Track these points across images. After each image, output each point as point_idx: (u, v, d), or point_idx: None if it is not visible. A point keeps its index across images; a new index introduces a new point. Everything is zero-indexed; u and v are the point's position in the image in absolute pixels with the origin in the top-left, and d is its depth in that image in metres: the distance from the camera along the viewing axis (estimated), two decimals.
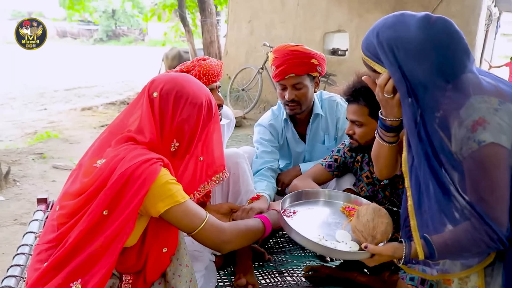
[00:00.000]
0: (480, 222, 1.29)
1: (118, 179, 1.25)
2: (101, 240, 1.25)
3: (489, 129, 1.24)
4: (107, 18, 33.09)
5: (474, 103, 1.27)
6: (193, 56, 10.14)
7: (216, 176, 1.60)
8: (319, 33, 6.80)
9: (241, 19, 7.75)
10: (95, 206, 1.25)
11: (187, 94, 1.41)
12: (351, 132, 2.04)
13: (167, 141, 1.41)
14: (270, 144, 2.41)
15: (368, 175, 2.15)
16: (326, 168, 2.21)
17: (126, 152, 1.31)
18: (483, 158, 1.26)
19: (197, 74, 1.90)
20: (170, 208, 1.32)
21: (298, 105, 2.34)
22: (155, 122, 1.38)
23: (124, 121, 1.44)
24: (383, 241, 1.54)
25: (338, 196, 1.93)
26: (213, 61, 1.99)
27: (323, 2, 6.66)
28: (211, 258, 2.11)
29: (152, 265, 1.45)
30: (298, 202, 1.88)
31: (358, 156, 2.19)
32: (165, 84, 1.41)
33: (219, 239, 1.42)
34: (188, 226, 1.37)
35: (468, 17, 6.07)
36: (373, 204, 1.69)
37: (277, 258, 2.39)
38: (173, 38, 16.46)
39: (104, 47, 30.38)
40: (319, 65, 2.31)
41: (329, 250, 1.53)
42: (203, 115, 1.45)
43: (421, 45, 1.30)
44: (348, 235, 1.62)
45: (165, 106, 1.39)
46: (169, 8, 13.05)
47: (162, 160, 1.34)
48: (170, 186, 1.33)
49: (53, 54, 21.58)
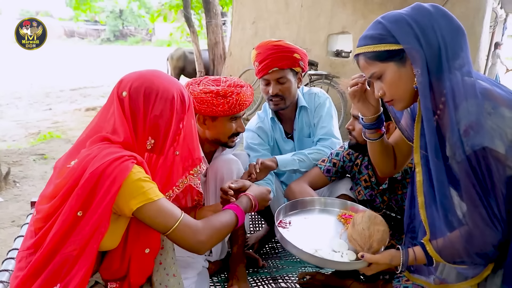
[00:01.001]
0: (475, 229, 1.26)
1: (89, 178, 1.22)
2: (76, 241, 1.22)
3: (482, 134, 1.21)
4: (114, 18, 33.28)
5: (467, 107, 1.24)
6: (198, 57, 10.12)
7: (193, 169, 1.56)
8: (323, 34, 6.76)
9: (245, 20, 7.73)
10: (68, 207, 1.23)
11: (156, 89, 1.37)
12: (351, 127, 2.03)
13: (142, 139, 1.38)
14: (261, 148, 2.39)
15: (367, 179, 2.12)
16: (324, 173, 2.18)
17: (98, 151, 1.29)
18: (476, 163, 1.23)
19: (233, 103, 1.87)
20: (143, 206, 1.28)
21: (282, 100, 2.34)
22: (127, 122, 1.35)
23: (99, 124, 1.41)
24: (379, 249, 1.51)
25: (334, 203, 1.89)
26: (248, 90, 1.96)
27: (328, 4, 6.62)
28: (204, 265, 2.09)
29: (136, 268, 1.43)
30: (293, 211, 1.84)
31: (358, 160, 2.16)
32: (133, 82, 1.37)
33: (195, 239, 1.37)
34: (162, 225, 1.33)
35: (473, 19, 6.00)
36: (368, 211, 1.66)
37: (272, 264, 2.36)
38: (179, 39, 16.47)
39: (111, 47, 30.54)
40: (302, 60, 2.32)
41: (326, 261, 1.49)
42: (176, 109, 1.41)
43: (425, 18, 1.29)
44: (345, 244, 1.59)
45: (135, 104, 1.35)
46: (175, 9, 13.06)
47: (135, 158, 1.31)
48: (143, 183, 1.29)
49: (60, 53, 21.73)
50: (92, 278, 1.41)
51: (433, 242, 1.38)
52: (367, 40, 1.37)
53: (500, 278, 1.32)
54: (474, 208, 1.26)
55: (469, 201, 1.27)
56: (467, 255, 1.30)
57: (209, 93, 1.86)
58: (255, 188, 1.76)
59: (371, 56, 1.37)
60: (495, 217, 1.25)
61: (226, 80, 1.95)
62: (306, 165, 2.25)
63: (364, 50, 1.38)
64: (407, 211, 1.67)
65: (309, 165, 2.25)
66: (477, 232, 1.26)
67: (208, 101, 1.85)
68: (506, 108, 1.25)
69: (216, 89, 1.86)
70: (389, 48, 1.32)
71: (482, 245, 1.27)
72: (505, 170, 1.25)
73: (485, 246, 1.27)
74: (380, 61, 1.36)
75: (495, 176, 1.23)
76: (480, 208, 1.24)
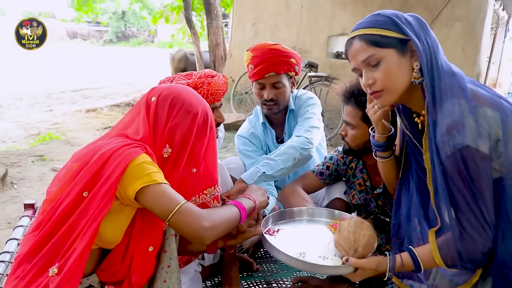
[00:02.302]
0: (461, 234, 1.24)
1: (97, 159, 1.28)
2: (78, 220, 1.24)
3: (464, 132, 1.20)
4: (117, 19, 33.33)
5: (450, 106, 1.23)
6: (199, 58, 10.12)
7: (208, 189, 1.57)
8: (323, 36, 6.75)
9: (245, 21, 7.72)
10: (74, 188, 1.27)
11: (182, 101, 1.45)
12: (344, 133, 2.02)
13: (160, 145, 1.43)
14: (255, 154, 2.37)
15: (361, 183, 2.10)
16: (318, 176, 2.16)
17: (112, 140, 1.36)
18: (459, 163, 1.21)
19: (205, 94, 1.87)
20: (147, 187, 1.28)
21: (276, 105, 2.31)
22: (149, 125, 1.42)
23: (126, 126, 1.47)
24: (366, 254, 1.49)
25: (321, 213, 1.88)
26: (220, 79, 1.96)
27: (328, 5, 6.61)
28: (197, 269, 2.07)
29: (138, 267, 1.40)
30: (282, 221, 1.83)
31: (352, 163, 2.14)
32: (164, 90, 1.47)
33: (198, 223, 1.33)
34: (164, 208, 1.30)
35: (474, 21, 5.96)
36: (356, 217, 1.65)
37: (266, 268, 2.34)
38: (181, 40, 16.48)
39: (113, 48, 30.56)
40: (297, 65, 2.30)
41: (311, 265, 1.48)
42: (198, 125, 1.47)
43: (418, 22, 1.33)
44: (332, 251, 1.58)
45: (160, 110, 1.43)
46: (176, 10, 13.07)
47: (145, 148, 1.36)
48: (148, 166, 1.31)
49: (63, 54, 21.77)
50: (88, 281, 1.38)
51: (438, 236, 1.34)
52: (368, 24, 1.33)
53: (490, 285, 1.30)
54: (462, 214, 1.24)
55: (456, 206, 1.25)
56: (460, 258, 1.27)
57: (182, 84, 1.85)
58: (253, 189, 1.76)
59: (372, 39, 1.31)
60: (485, 223, 1.23)
61: (197, 73, 1.95)
62: (272, 166, 2.14)
63: (365, 32, 1.32)
64: (393, 218, 1.66)
65: (278, 164, 2.13)
66: (467, 237, 1.24)
67: None
68: (489, 108, 1.24)
69: (187, 82, 1.86)
70: (392, 35, 1.30)
71: (473, 251, 1.25)
72: (491, 172, 1.23)
73: (474, 253, 1.25)
74: (381, 46, 1.31)
75: (483, 178, 1.21)
76: (469, 214, 1.22)
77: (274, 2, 7.22)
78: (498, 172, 1.26)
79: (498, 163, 1.25)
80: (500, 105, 1.28)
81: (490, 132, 1.22)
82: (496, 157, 1.24)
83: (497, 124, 1.24)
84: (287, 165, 2.14)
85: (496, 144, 1.24)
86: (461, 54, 5.94)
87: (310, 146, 2.18)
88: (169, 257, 1.49)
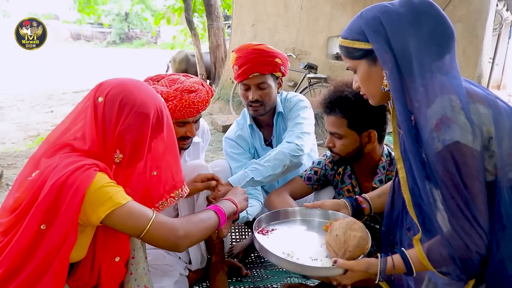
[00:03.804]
0: (454, 236, 1.20)
1: (50, 190, 1.18)
2: (43, 255, 1.18)
3: (454, 128, 1.15)
4: (120, 21, 33.41)
5: (440, 102, 1.19)
6: (199, 60, 10.11)
7: (175, 192, 1.50)
8: (322, 37, 6.69)
9: (245, 22, 7.68)
10: (30, 221, 1.18)
11: (133, 101, 1.31)
12: (331, 145, 1.96)
13: (110, 151, 1.32)
14: (242, 157, 2.32)
15: (350, 189, 2.05)
16: (305, 181, 2.11)
17: (59, 161, 1.24)
18: (448, 159, 1.16)
19: (172, 108, 1.75)
20: (112, 212, 1.24)
21: (262, 106, 2.26)
22: (97, 130, 1.30)
23: (70, 127, 1.35)
24: (356, 256, 1.45)
25: (314, 213, 1.82)
26: (199, 97, 1.83)
27: (327, 6, 6.55)
28: (183, 273, 2.04)
29: (107, 277, 1.38)
30: (275, 221, 1.79)
31: (340, 169, 2.09)
32: (112, 88, 1.32)
33: (172, 235, 1.33)
34: (135, 228, 1.28)
35: (475, 22, 5.90)
36: (349, 218, 1.60)
37: (256, 273, 2.30)
38: (182, 42, 16.48)
39: (116, 49, 30.64)
40: (283, 65, 2.25)
41: (299, 266, 1.44)
42: (152, 126, 1.35)
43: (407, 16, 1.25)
44: (323, 252, 1.54)
45: (109, 112, 1.30)
46: (178, 12, 13.07)
47: (96, 166, 1.26)
48: (108, 189, 1.24)
49: (66, 56, 21.82)
50: None
51: (423, 242, 1.31)
52: (345, 34, 1.37)
53: None
54: (454, 220, 1.19)
55: (446, 205, 1.20)
56: (453, 262, 1.22)
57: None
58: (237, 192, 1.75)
59: (345, 51, 1.38)
60: (480, 228, 1.18)
61: (182, 82, 1.85)
62: (261, 171, 2.09)
63: (341, 43, 1.39)
64: (385, 219, 1.62)
65: (267, 170, 2.08)
66: (460, 244, 1.19)
67: None
68: (481, 104, 1.20)
69: (161, 90, 1.78)
70: (361, 47, 1.31)
71: (466, 258, 1.20)
72: (484, 173, 1.19)
73: (468, 259, 1.20)
74: (352, 58, 1.37)
75: (476, 179, 1.16)
76: (462, 220, 1.17)
77: (273, 3, 7.18)
78: (491, 175, 1.21)
79: (491, 164, 1.20)
80: (494, 103, 1.24)
81: (482, 129, 1.18)
82: (489, 157, 1.20)
83: (489, 121, 1.20)
84: (276, 171, 2.09)
85: (488, 142, 1.19)
86: (462, 56, 5.87)
87: (301, 153, 2.13)
88: (137, 262, 1.47)
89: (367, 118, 1.84)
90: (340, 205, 1.78)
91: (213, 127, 6.41)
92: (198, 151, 2.27)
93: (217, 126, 6.46)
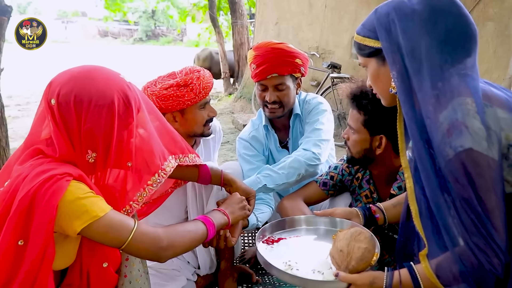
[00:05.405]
0: (467, 253, 1.09)
1: (20, 204, 1.10)
2: (26, 270, 1.11)
3: (467, 134, 1.05)
4: (146, 18, 33.86)
5: (453, 105, 1.09)
6: (223, 58, 10.11)
7: (151, 179, 1.40)
8: (347, 36, 6.54)
9: (268, 21, 7.60)
10: (5, 236, 1.10)
11: (89, 96, 1.18)
12: (346, 136, 1.91)
13: (81, 152, 1.22)
14: (255, 159, 2.23)
15: (368, 194, 1.96)
16: (321, 187, 2.02)
17: (30, 169, 1.17)
18: (460, 169, 1.06)
19: (197, 89, 1.82)
20: (89, 225, 1.16)
21: (280, 107, 2.17)
22: (61, 133, 1.20)
23: (38, 131, 1.27)
24: (360, 269, 1.35)
25: (321, 222, 1.73)
26: (206, 73, 1.91)
27: (352, 4, 6.40)
28: (191, 278, 1.99)
29: (97, 283, 1.33)
30: (285, 230, 1.71)
31: (359, 173, 2.00)
32: (61, 87, 1.18)
33: (155, 246, 1.27)
34: (116, 240, 1.21)
35: (508, 20, 5.64)
36: (354, 228, 1.51)
37: (267, 280, 2.23)
38: (207, 39, 16.52)
39: (143, 46, 31.04)
40: (303, 66, 2.15)
41: (299, 279, 1.36)
42: (118, 114, 1.22)
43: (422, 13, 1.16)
44: (327, 264, 1.45)
45: (66, 114, 1.18)
46: (203, 9, 13.10)
47: (69, 175, 1.17)
48: (83, 201, 1.16)
49: (94, 52, 22.21)
50: None
51: (431, 258, 1.21)
52: (359, 29, 1.32)
53: None
54: (470, 236, 1.09)
55: (462, 226, 1.10)
56: (464, 280, 1.12)
57: (169, 87, 1.80)
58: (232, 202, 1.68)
59: (358, 47, 1.33)
60: (495, 244, 1.07)
61: (180, 71, 1.90)
62: (275, 179, 2.01)
63: (355, 39, 1.34)
64: (400, 230, 1.52)
65: (281, 178, 2.01)
66: (474, 261, 1.09)
67: (172, 95, 1.80)
68: (500, 108, 1.10)
69: (176, 81, 1.81)
70: (371, 45, 1.26)
71: (481, 277, 1.10)
72: (502, 184, 1.08)
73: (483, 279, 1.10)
74: (364, 56, 1.32)
75: (492, 191, 1.05)
76: (477, 237, 1.07)
77: (297, 1, 7.07)
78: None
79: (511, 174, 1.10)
80: None
81: (500, 135, 1.07)
82: (508, 166, 1.09)
83: (509, 126, 1.09)
84: (290, 180, 2.01)
85: (507, 150, 1.09)
86: (493, 56, 5.64)
87: (318, 163, 2.05)
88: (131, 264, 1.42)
89: (382, 121, 1.75)
90: (352, 214, 1.69)
91: (234, 126, 6.36)
92: (210, 149, 2.20)
93: (238, 125, 6.41)
